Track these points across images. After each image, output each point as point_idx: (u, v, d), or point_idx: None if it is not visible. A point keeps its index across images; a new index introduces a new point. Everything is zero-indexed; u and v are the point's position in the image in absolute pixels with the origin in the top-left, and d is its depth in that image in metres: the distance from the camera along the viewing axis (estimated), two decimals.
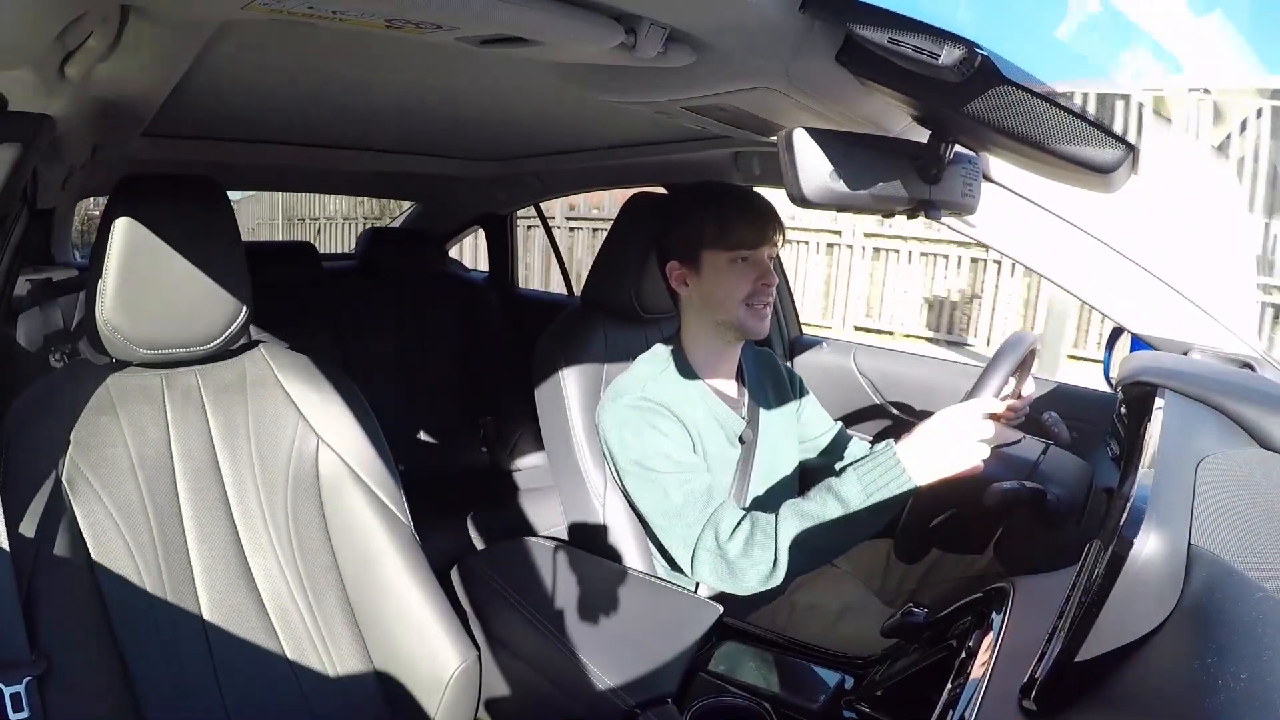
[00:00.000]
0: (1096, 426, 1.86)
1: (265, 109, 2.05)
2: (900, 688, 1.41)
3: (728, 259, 1.81)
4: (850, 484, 1.60)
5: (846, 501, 1.59)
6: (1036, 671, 0.94)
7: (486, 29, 1.12)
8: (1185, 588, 0.85)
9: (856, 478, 1.60)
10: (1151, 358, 1.63)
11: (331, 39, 1.28)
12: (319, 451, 1.70)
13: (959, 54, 0.94)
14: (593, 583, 1.81)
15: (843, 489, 1.60)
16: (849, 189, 1.12)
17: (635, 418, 1.79)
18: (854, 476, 1.61)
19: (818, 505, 1.62)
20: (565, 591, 1.79)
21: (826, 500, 1.61)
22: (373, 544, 1.69)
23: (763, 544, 1.64)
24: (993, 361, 1.62)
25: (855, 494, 1.58)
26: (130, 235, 1.50)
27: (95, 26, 1.03)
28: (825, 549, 1.63)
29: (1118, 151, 1.10)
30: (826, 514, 1.60)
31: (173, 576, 1.56)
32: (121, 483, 1.53)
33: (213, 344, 1.61)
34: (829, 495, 1.62)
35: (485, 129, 2.44)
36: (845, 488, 1.60)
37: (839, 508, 1.59)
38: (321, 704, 1.63)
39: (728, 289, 1.82)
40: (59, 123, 1.38)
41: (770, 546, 1.63)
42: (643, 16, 1.11)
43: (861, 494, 1.58)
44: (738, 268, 1.82)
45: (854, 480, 1.60)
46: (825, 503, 1.61)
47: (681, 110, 1.55)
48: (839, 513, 1.59)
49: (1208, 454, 1.09)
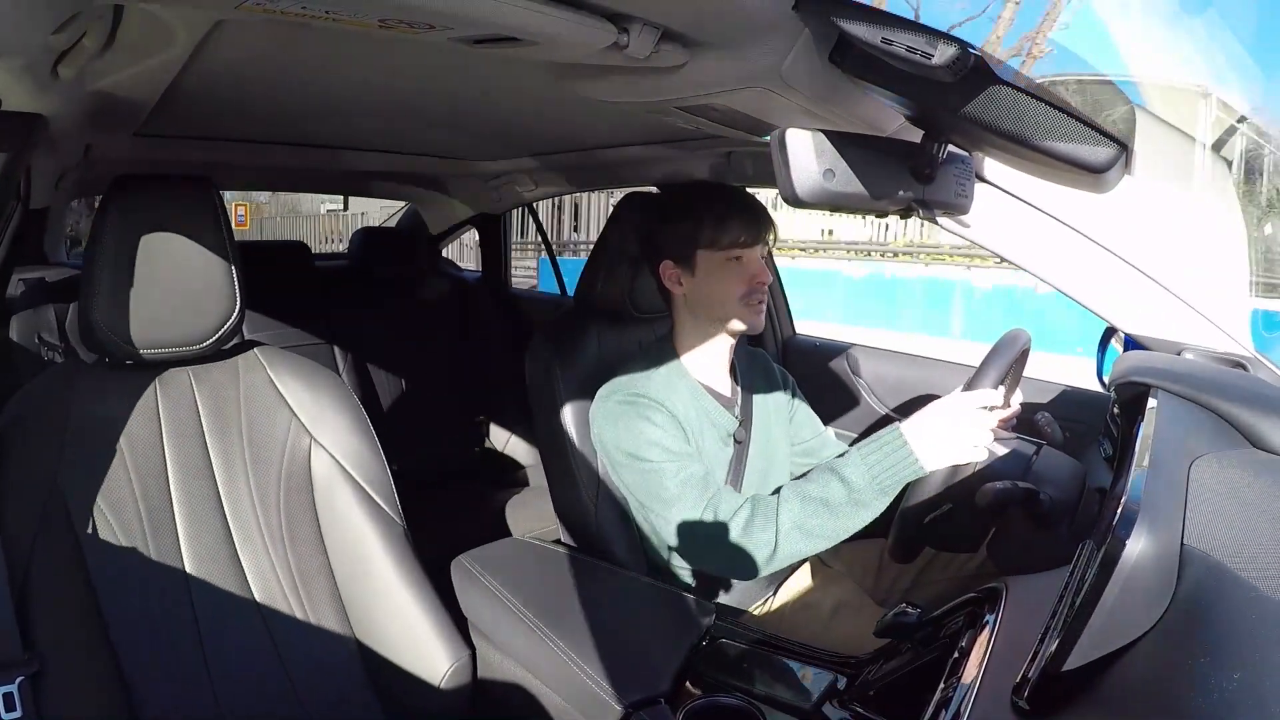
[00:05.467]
0: (1090, 427, 1.87)
1: (258, 109, 2.05)
2: (893, 687, 1.41)
3: (722, 258, 1.81)
4: (855, 466, 1.59)
5: (851, 484, 1.58)
6: (1029, 671, 0.94)
7: (479, 29, 1.12)
8: (1178, 588, 0.85)
9: (861, 459, 1.59)
10: (1144, 358, 1.63)
11: (325, 39, 1.28)
12: (312, 451, 1.70)
13: (952, 53, 0.94)
14: (585, 583, 1.80)
15: (847, 471, 1.60)
16: (842, 189, 1.12)
17: (628, 412, 1.78)
18: (859, 458, 1.60)
19: (820, 487, 1.61)
20: (558, 591, 1.79)
21: (830, 482, 1.61)
22: (365, 543, 1.69)
23: (763, 526, 1.63)
24: (987, 358, 1.62)
25: (860, 477, 1.58)
26: (123, 235, 1.51)
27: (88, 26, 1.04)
28: (827, 533, 1.61)
29: (1111, 151, 1.10)
30: (830, 497, 1.59)
31: (166, 575, 1.56)
32: (114, 482, 1.53)
33: (206, 343, 1.61)
34: (832, 477, 1.61)
35: (479, 129, 2.44)
36: (850, 470, 1.59)
37: (843, 490, 1.59)
38: (314, 702, 1.63)
39: (723, 288, 1.82)
40: (52, 122, 1.38)
41: (771, 528, 1.62)
42: (635, 16, 1.11)
43: (867, 476, 1.57)
44: (732, 267, 1.81)
45: (859, 463, 1.59)
46: (829, 485, 1.61)
47: (674, 110, 1.55)
48: (843, 496, 1.58)
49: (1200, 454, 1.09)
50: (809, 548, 1.64)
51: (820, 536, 1.62)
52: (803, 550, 1.64)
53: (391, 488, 1.76)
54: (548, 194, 3.88)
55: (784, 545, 1.62)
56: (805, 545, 1.63)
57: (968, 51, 0.96)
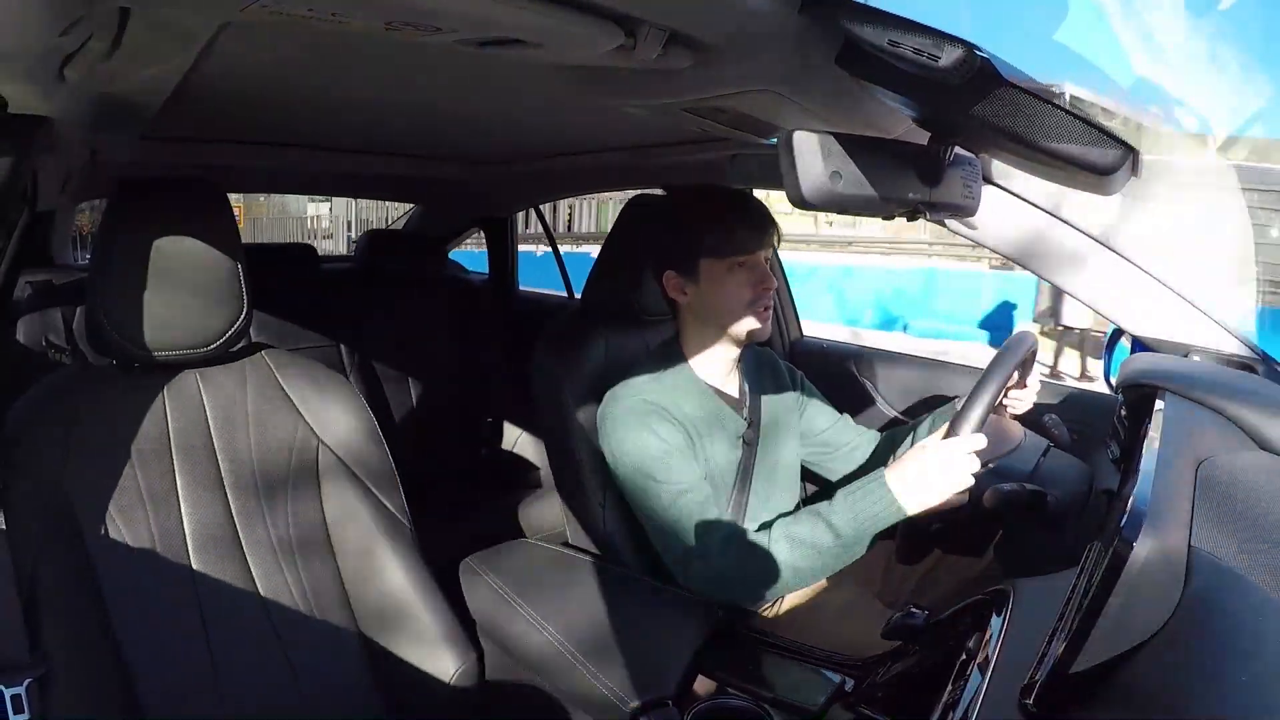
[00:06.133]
0: (1097, 429, 1.86)
1: (265, 111, 2.05)
2: (900, 689, 1.41)
3: (726, 266, 1.80)
4: (841, 513, 1.61)
5: (837, 530, 1.60)
6: (1037, 674, 0.94)
7: (486, 31, 1.12)
8: (1185, 590, 0.85)
9: (848, 506, 1.61)
10: (1152, 360, 1.63)
11: (331, 41, 1.28)
12: (319, 453, 1.71)
13: (959, 56, 0.94)
14: (592, 584, 1.80)
15: (834, 517, 1.62)
16: (849, 191, 1.12)
17: (634, 421, 1.78)
18: (845, 505, 1.62)
19: (808, 530, 1.64)
20: (565, 593, 1.79)
21: (817, 526, 1.63)
22: (373, 545, 1.70)
23: (755, 563, 1.65)
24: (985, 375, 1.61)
25: (846, 523, 1.60)
26: (130, 237, 1.51)
27: (95, 29, 1.03)
28: (814, 572, 1.65)
29: (1118, 153, 1.10)
30: (817, 540, 1.62)
31: (172, 578, 1.56)
32: (122, 485, 1.53)
33: (212, 345, 1.61)
34: (820, 522, 1.63)
35: (485, 131, 2.43)
36: (836, 516, 1.62)
37: (829, 535, 1.61)
38: (320, 704, 1.63)
39: (729, 296, 1.82)
40: (58, 125, 1.38)
41: (762, 566, 1.64)
42: (642, 19, 1.11)
43: (852, 522, 1.59)
44: (736, 274, 1.81)
45: (845, 509, 1.61)
46: (816, 528, 1.63)
47: (681, 112, 1.55)
48: (829, 540, 1.61)
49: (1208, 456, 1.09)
50: (797, 584, 1.68)
51: (809, 574, 1.66)
52: (791, 587, 1.68)
53: (399, 490, 1.76)
54: (554, 197, 3.88)
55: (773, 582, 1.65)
56: (794, 582, 1.66)
57: (974, 54, 0.96)
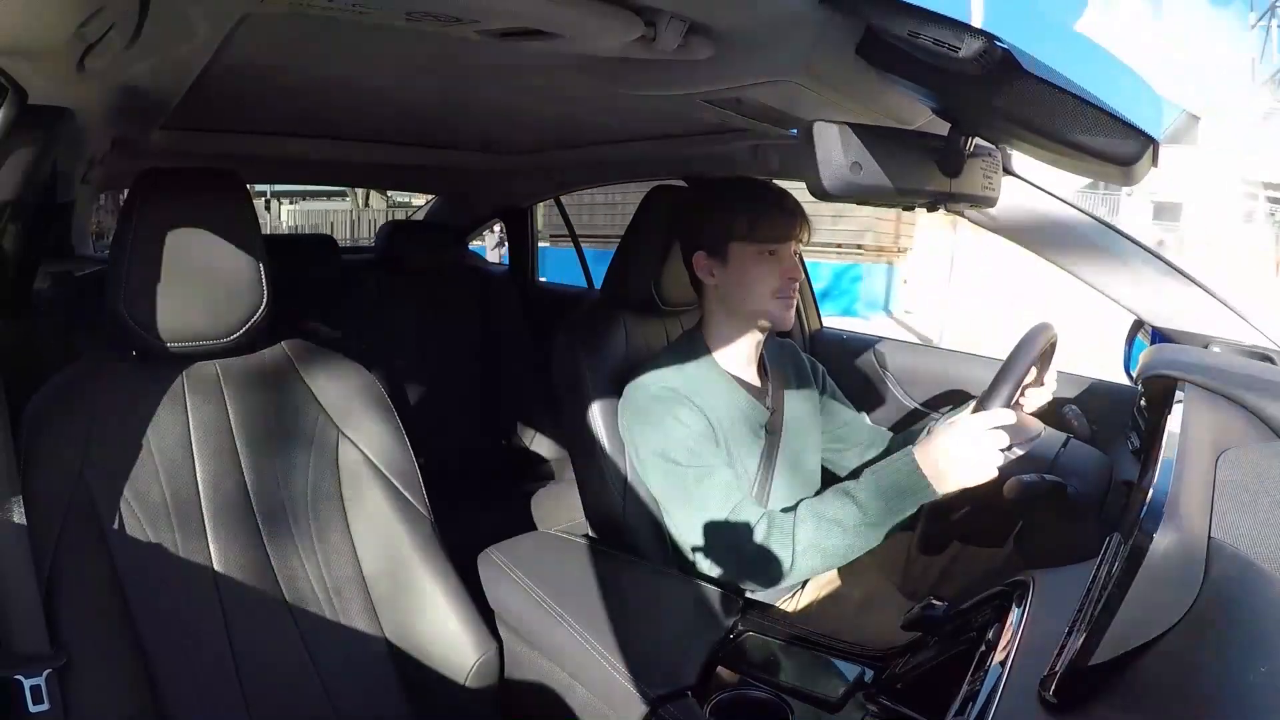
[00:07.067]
0: (1117, 420, 1.86)
1: (285, 102, 2.06)
2: (920, 680, 1.41)
3: (755, 252, 1.82)
4: (869, 491, 1.60)
5: (864, 507, 1.59)
6: (1056, 664, 0.94)
7: (506, 22, 1.12)
8: (1205, 581, 0.85)
9: (874, 483, 1.60)
10: (1172, 351, 1.62)
11: (352, 33, 1.29)
12: (339, 445, 1.71)
13: (979, 46, 0.94)
14: (613, 576, 1.81)
15: (860, 493, 1.61)
16: (870, 182, 1.12)
17: (657, 408, 1.79)
18: (871, 482, 1.61)
19: (836, 509, 1.63)
20: (585, 584, 1.79)
21: (845, 505, 1.62)
22: (393, 536, 1.70)
23: (779, 544, 1.64)
24: (1009, 360, 1.61)
25: (873, 502, 1.59)
26: (150, 228, 1.51)
27: (115, 19, 1.04)
28: (842, 552, 1.63)
29: (1139, 143, 1.09)
30: (844, 519, 1.61)
31: (193, 570, 1.57)
32: (142, 476, 1.54)
33: (233, 337, 1.62)
34: (847, 499, 1.62)
35: (505, 122, 2.44)
36: (863, 492, 1.61)
37: (857, 514, 1.60)
38: (341, 696, 1.64)
39: (755, 281, 1.83)
40: (79, 116, 1.38)
41: (787, 547, 1.63)
42: (663, 9, 1.11)
43: (879, 500, 1.58)
44: (765, 261, 1.82)
45: (872, 487, 1.60)
46: (844, 507, 1.62)
47: (701, 103, 1.55)
48: (856, 519, 1.60)
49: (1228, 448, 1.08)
50: (824, 564, 1.67)
51: (835, 555, 1.64)
52: (818, 567, 1.67)
53: (419, 481, 1.76)
54: (574, 188, 3.88)
55: (800, 562, 1.64)
56: (820, 562, 1.65)
57: (995, 44, 0.95)
